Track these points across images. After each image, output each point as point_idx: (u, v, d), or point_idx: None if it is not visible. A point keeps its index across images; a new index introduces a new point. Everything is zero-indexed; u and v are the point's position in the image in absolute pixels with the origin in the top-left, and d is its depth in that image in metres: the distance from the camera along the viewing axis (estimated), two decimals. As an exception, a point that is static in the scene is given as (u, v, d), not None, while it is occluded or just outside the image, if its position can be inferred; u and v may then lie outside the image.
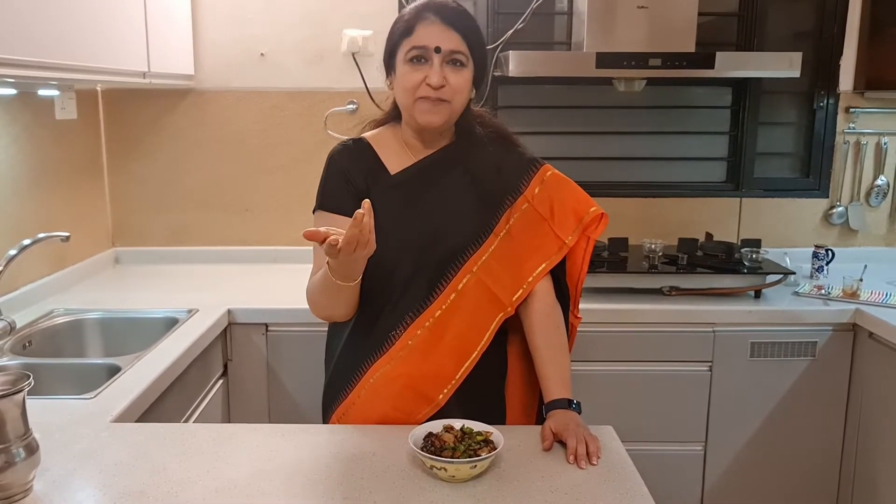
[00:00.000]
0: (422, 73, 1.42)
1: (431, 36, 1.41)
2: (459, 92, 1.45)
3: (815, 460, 2.46)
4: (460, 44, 1.42)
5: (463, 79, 1.44)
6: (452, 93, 1.43)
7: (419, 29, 1.42)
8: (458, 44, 1.42)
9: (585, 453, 1.31)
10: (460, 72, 1.44)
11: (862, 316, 2.32)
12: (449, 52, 1.42)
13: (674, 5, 2.46)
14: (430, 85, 1.41)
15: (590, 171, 2.84)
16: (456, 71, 1.43)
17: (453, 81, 1.43)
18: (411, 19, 1.44)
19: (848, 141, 2.89)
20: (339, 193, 1.50)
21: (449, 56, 1.42)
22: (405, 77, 1.44)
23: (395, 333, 1.50)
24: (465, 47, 1.43)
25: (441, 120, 1.45)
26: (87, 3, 1.94)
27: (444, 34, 1.41)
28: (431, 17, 1.42)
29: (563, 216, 1.54)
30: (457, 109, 1.47)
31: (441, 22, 1.41)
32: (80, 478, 1.25)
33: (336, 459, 1.32)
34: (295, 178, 2.83)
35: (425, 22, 1.42)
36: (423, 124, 1.46)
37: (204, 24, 2.76)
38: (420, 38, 1.42)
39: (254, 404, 2.34)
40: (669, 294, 2.44)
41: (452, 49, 1.42)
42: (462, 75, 1.44)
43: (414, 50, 1.42)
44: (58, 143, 2.47)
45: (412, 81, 1.43)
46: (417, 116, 1.46)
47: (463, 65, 1.44)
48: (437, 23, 1.41)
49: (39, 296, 2.30)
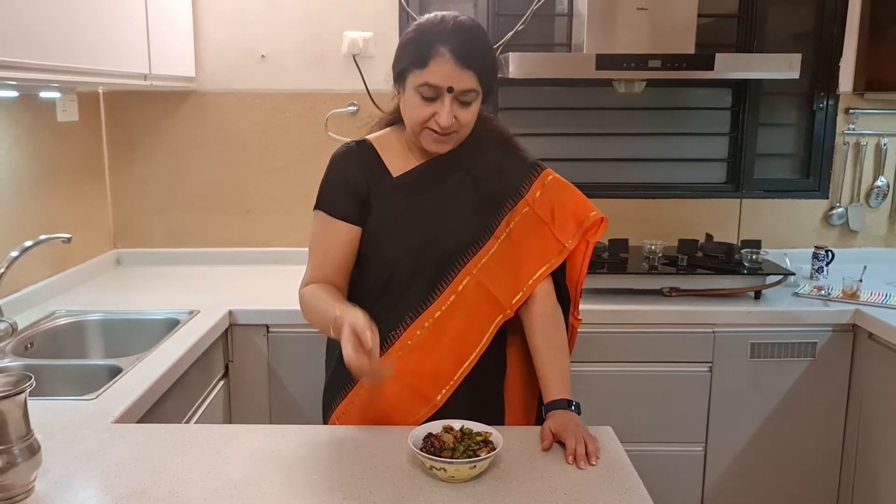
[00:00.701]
0: (431, 109, 1.41)
1: (444, 76, 1.38)
2: (467, 125, 1.45)
3: (815, 461, 2.46)
4: (472, 82, 1.40)
5: (471, 113, 1.44)
6: (460, 126, 1.44)
7: (432, 65, 1.38)
8: (471, 82, 1.40)
9: (584, 454, 1.32)
10: (469, 108, 1.43)
11: (862, 317, 2.33)
12: (461, 92, 1.40)
13: (673, 7, 2.46)
14: (439, 124, 1.41)
15: (590, 173, 2.85)
16: (465, 108, 1.43)
17: (462, 118, 1.43)
18: (425, 50, 1.39)
19: (848, 142, 2.90)
20: (338, 198, 1.51)
21: (460, 95, 1.40)
22: (414, 109, 1.42)
23: (394, 333, 1.51)
24: (476, 85, 1.41)
25: (448, 149, 1.48)
26: (89, 6, 1.95)
27: (458, 74, 1.38)
28: (447, 56, 1.37)
29: (564, 220, 1.55)
30: (464, 136, 1.48)
31: (455, 62, 1.37)
32: (81, 478, 1.26)
33: (336, 460, 1.33)
34: (296, 179, 2.84)
35: (439, 59, 1.37)
36: (430, 152, 1.48)
37: (205, 25, 2.77)
38: (433, 75, 1.38)
39: (255, 405, 2.35)
40: (669, 295, 2.44)
41: (465, 89, 1.40)
42: (471, 110, 1.44)
43: (426, 87, 1.39)
44: (59, 145, 2.48)
45: (421, 115, 1.42)
46: (424, 144, 1.47)
47: (473, 100, 1.43)
48: (451, 62, 1.37)
49: (41, 297, 2.31)
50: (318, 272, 1.53)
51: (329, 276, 1.52)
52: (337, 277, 1.53)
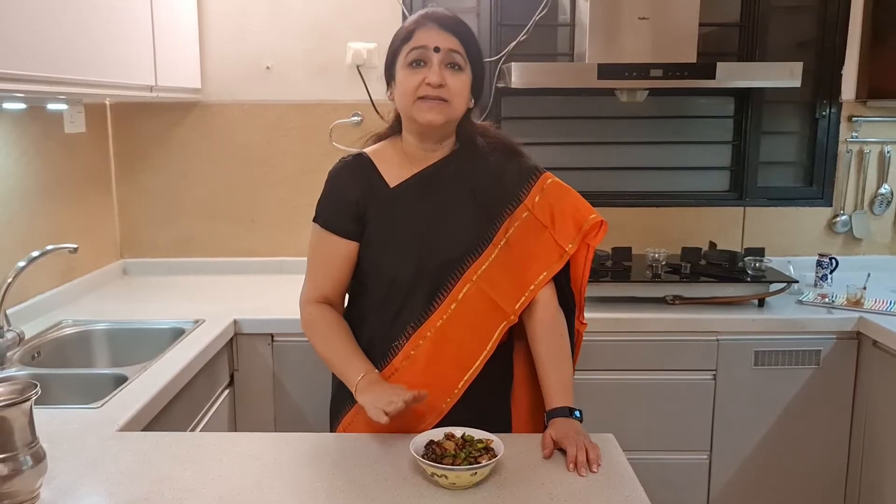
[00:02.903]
0: (421, 75, 1.46)
1: (430, 38, 1.46)
2: (458, 94, 1.48)
3: (820, 469, 2.45)
4: (458, 45, 1.47)
5: (461, 81, 1.48)
6: (451, 94, 1.46)
7: (418, 33, 1.47)
8: (456, 45, 1.47)
9: (585, 461, 1.32)
10: (458, 75, 1.47)
11: (866, 324, 2.32)
12: (447, 52, 1.46)
13: (675, 16, 2.48)
14: (429, 84, 1.44)
15: (593, 182, 2.86)
16: (454, 74, 1.47)
17: (452, 83, 1.46)
18: (409, 27, 1.49)
19: (851, 150, 2.90)
20: (335, 214, 1.54)
21: (447, 57, 1.46)
22: (405, 81, 1.48)
23: (397, 344, 1.52)
24: (462, 49, 1.47)
25: (441, 119, 1.47)
26: (96, 19, 1.98)
27: (442, 36, 1.46)
28: (430, 24, 1.47)
29: (564, 224, 1.56)
30: (456, 111, 1.50)
31: (439, 27, 1.47)
32: (86, 486, 1.27)
33: (339, 467, 1.33)
34: (300, 189, 2.86)
35: (424, 28, 1.47)
36: (424, 123, 1.48)
37: (210, 38, 2.79)
38: (419, 39, 1.47)
39: (260, 414, 2.35)
40: (673, 303, 2.44)
41: (450, 48, 1.46)
42: (460, 78, 1.48)
43: (413, 52, 1.46)
44: (67, 156, 2.51)
45: (412, 83, 1.46)
46: (417, 116, 1.47)
47: (461, 68, 1.48)
48: (435, 27, 1.47)
49: (48, 307, 2.32)
50: (318, 288, 1.57)
51: (329, 291, 1.57)
52: (335, 292, 1.59)
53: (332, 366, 1.55)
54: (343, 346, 1.53)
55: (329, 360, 1.54)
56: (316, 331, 1.56)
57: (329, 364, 1.55)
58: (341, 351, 1.52)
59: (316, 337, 1.56)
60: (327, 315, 1.56)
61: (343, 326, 1.56)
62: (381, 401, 1.36)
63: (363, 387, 1.44)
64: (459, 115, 1.52)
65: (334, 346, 1.53)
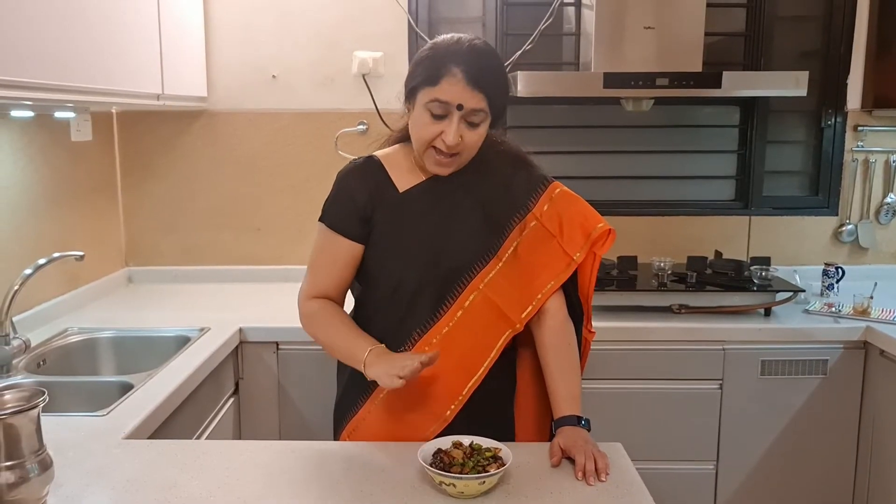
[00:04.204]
0: (439, 128, 1.42)
1: (455, 94, 1.39)
2: (471, 148, 1.46)
3: (827, 479, 2.44)
4: (482, 102, 1.41)
5: (478, 135, 1.45)
6: (465, 148, 1.45)
7: (444, 83, 1.39)
8: (480, 102, 1.40)
9: (594, 470, 1.32)
10: (476, 129, 1.44)
11: (873, 333, 2.32)
12: (470, 112, 1.41)
13: (680, 25, 2.48)
14: (445, 142, 1.42)
15: (599, 190, 2.86)
16: (472, 129, 1.43)
17: (468, 140, 1.44)
18: (438, 68, 1.40)
19: (857, 159, 2.90)
20: (342, 215, 1.53)
21: (469, 115, 1.41)
22: (422, 127, 1.44)
23: (402, 350, 1.51)
24: (486, 105, 1.42)
25: (450, 171, 1.48)
26: (104, 28, 1.99)
27: (468, 94, 1.39)
28: (458, 75, 1.38)
29: (572, 233, 1.55)
30: (466, 161, 1.49)
31: (466, 81, 1.38)
32: (92, 493, 1.27)
33: (346, 476, 1.33)
34: (305, 197, 2.86)
35: (451, 78, 1.39)
36: (433, 171, 1.49)
37: (217, 47, 2.81)
38: (443, 92, 1.39)
39: (265, 422, 2.35)
40: (679, 312, 2.44)
41: (474, 108, 1.41)
42: (478, 132, 1.45)
43: (436, 104, 1.40)
44: (73, 164, 2.51)
45: (429, 133, 1.43)
46: (427, 164, 1.48)
47: (481, 122, 1.44)
48: (462, 82, 1.38)
49: (54, 314, 2.33)
50: (319, 286, 1.56)
51: (329, 290, 1.56)
52: (336, 292, 1.58)
53: (337, 350, 1.52)
54: (345, 328, 1.51)
55: (332, 345, 1.52)
56: (316, 321, 1.55)
57: (333, 349, 1.53)
58: (343, 333, 1.50)
59: (316, 327, 1.55)
60: (327, 306, 1.55)
61: (343, 313, 1.55)
62: (394, 367, 1.35)
63: (372, 360, 1.42)
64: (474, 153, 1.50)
65: (336, 330, 1.52)
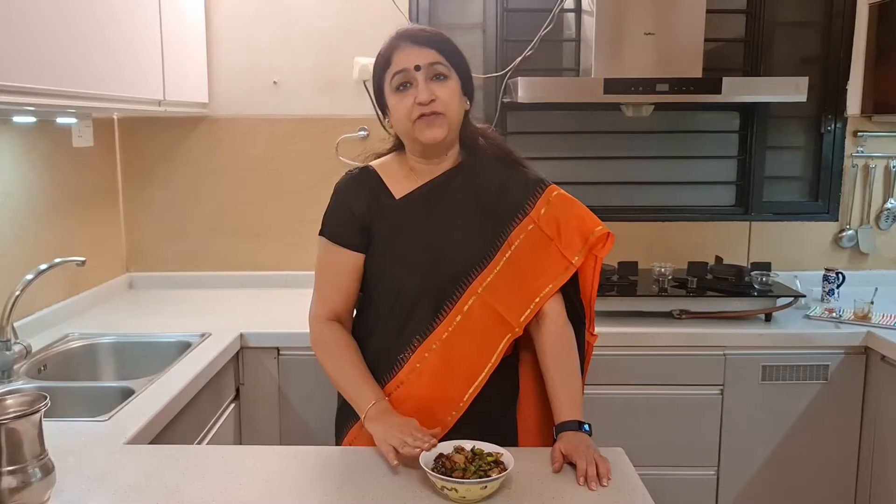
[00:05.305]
0: (411, 97, 1.46)
1: (408, 58, 1.47)
2: (450, 102, 1.48)
3: (829, 484, 2.43)
4: (437, 56, 1.47)
5: (450, 89, 1.48)
6: (444, 105, 1.47)
7: (396, 56, 1.48)
8: (435, 56, 1.47)
9: (596, 475, 1.31)
10: (446, 83, 1.48)
11: (874, 339, 2.32)
12: (428, 66, 1.46)
13: (680, 31, 2.49)
14: (421, 103, 1.45)
15: (599, 196, 2.86)
16: (441, 84, 1.47)
17: (441, 94, 1.46)
18: (386, 52, 1.50)
19: (857, 164, 2.90)
20: (342, 226, 1.54)
21: (430, 71, 1.46)
22: (397, 106, 1.49)
23: (402, 357, 1.52)
24: (442, 59, 1.48)
25: (442, 133, 1.48)
26: (106, 34, 1.99)
27: (419, 52, 1.47)
28: (404, 43, 1.48)
29: (570, 236, 1.55)
30: (454, 120, 1.50)
31: (413, 44, 1.48)
32: (94, 499, 1.26)
33: (347, 481, 1.33)
34: (306, 203, 2.86)
35: (399, 49, 1.48)
36: (427, 141, 1.48)
37: (218, 53, 2.81)
38: (398, 63, 1.47)
39: (265, 428, 2.35)
40: (679, 317, 2.44)
41: (431, 62, 1.46)
42: (448, 86, 1.48)
43: (397, 76, 1.47)
44: (75, 170, 2.52)
45: (405, 107, 1.47)
46: (419, 136, 1.48)
47: (446, 76, 1.48)
48: (410, 45, 1.47)
49: (55, 320, 2.33)
50: (327, 303, 1.57)
51: (338, 306, 1.57)
52: (344, 307, 1.59)
53: (342, 389, 1.54)
54: (353, 369, 1.52)
55: (337, 382, 1.55)
56: (326, 351, 1.56)
57: (338, 386, 1.55)
58: (351, 375, 1.52)
59: (325, 357, 1.56)
60: (337, 334, 1.56)
61: (353, 347, 1.56)
62: (394, 438, 1.35)
63: (373, 415, 1.43)
64: (459, 121, 1.52)
65: (343, 369, 1.53)
